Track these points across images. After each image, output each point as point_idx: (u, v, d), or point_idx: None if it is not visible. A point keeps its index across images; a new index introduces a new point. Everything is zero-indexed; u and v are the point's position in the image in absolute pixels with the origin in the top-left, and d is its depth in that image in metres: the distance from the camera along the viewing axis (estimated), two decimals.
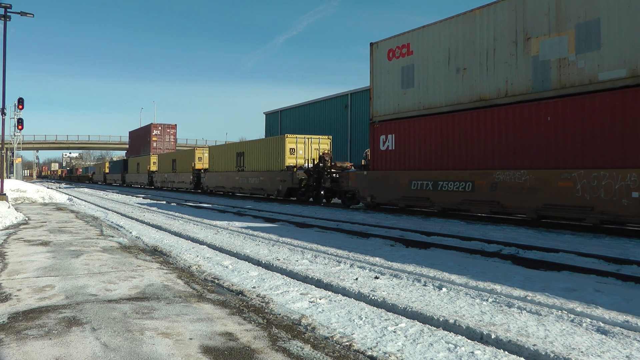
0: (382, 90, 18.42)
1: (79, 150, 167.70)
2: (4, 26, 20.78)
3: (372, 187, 18.48)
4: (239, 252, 8.85)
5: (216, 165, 34.30)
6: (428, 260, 8.04)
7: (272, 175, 26.09)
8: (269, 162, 26.70)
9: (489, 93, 14.52)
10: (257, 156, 28.30)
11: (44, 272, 6.79)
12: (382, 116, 18.32)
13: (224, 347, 3.87)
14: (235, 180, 30.58)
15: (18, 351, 3.75)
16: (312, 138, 26.09)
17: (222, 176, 32.85)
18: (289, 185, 24.38)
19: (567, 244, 9.98)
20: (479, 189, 14.28)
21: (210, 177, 35.06)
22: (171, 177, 44.39)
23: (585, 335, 4.30)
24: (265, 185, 26.83)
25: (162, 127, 58.81)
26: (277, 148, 26.04)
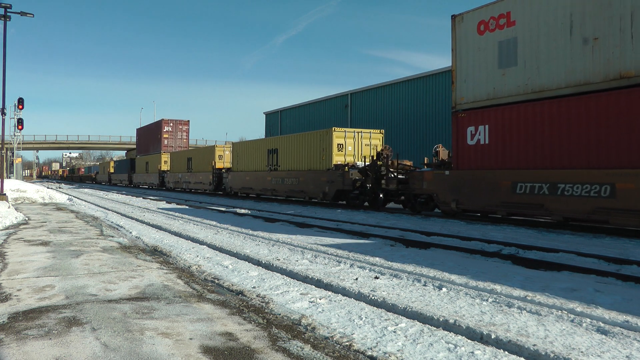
0: (469, 71, 14.85)
1: (79, 150, 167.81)
2: (4, 26, 20.79)
3: (457, 190, 14.90)
4: (239, 252, 8.85)
5: (241, 164, 30.22)
6: (428, 260, 8.04)
7: (316, 175, 22.33)
8: (310, 160, 22.97)
9: (635, 68, 11.19)
10: (294, 153, 24.50)
11: (44, 272, 6.79)
12: (470, 103, 14.79)
13: (224, 347, 3.87)
14: (267, 181, 26.63)
15: (18, 351, 3.75)
16: (362, 132, 22.42)
17: (250, 176, 28.83)
18: (338, 187, 20.79)
19: (567, 244, 9.98)
20: (622, 194, 10.89)
21: (235, 178, 30.88)
22: (186, 177, 40.11)
23: (585, 335, 4.30)
24: (306, 187, 23.04)
25: (174, 123, 53.91)
26: (321, 144, 22.30)
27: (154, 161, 51.28)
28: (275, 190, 25.97)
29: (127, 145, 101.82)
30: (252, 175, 28.56)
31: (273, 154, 26.55)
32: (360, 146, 22.34)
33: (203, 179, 36.18)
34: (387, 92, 34.54)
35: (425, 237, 10.94)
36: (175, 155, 45.31)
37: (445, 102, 29.42)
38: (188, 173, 39.85)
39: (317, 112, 42.17)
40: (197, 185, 37.64)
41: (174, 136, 53.82)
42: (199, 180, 37.03)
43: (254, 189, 28.48)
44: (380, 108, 34.92)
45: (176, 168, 43.72)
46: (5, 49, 20.54)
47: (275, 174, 25.90)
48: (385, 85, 34.77)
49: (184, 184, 40.56)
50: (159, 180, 48.28)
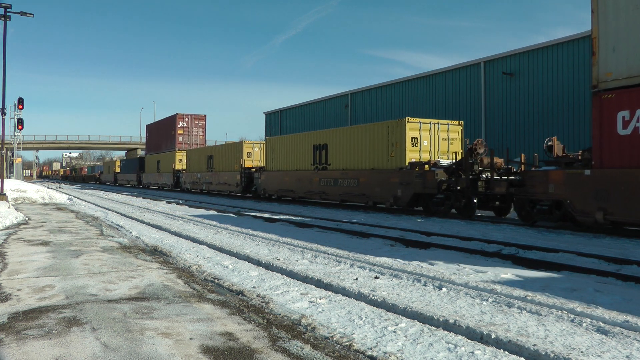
0: (621, 37, 11.05)
1: (79, 150, 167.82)
2: (4, 26, 20.80)
3: (605, 196, 11.14)
4: (239, 252, 8.85)
5: (278, 162, 26.16)
6: (428, 260, 8.04)
7: (383, 176, 18.40)
8: (374, 157, 19.14)
9: None
10: (351, 149, 20.54)
11: (44, 272, 6.79)
12: (621, 80, 11.03)
13: (224, 347, 3.87)
14: (313, 182, 22.63)
15: (18, 351, 3.75)
16: (439, 123, 18.61)
17: (290, 177, 24.75)
18: (415, 189, 16.88)
19: (567, 244, 9.98)
20: None
21: (270, 178, 26.74)
22: (207, 177, 35.77)
23: (585, 335, 4.30)
24: (369, 190, 19.11)
25: (189, 118, 48.70)
26: (390, 137, 18.36)
27: (167, 160, 46.67)
28: (325, 194, 21.95)
29: (127, 145, 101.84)
30: (293, 176, 24.47)
31: (321, 151, 22.50)
32: (437, 140, 18.44)
33: (228, 180, 32.05)
34: (387, 92, 34.54)
35: (425, 237, 10.94)
36: (192, 153, 40.40)
37: (447, 101, 29.43)
38: (209, 173, 35.38)
39: (317, 112, 42.18)
40: (221, 186, 33.45)
41: (189, 132, 48.61)
42: (223, 180, 32.89)
43: (295, 192, 24.37)
44: (381, 108, 34.92)
45: (194, 167, 39.00)
46: (5, 49, 20.57)
47: (324, 174, 21.96)
48: (385, 85, 34.76)
49: (204, 184, 36.28)
50: (173, 180, 43.72)
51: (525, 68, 25.26)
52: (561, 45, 23.69)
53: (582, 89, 22.47)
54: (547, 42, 24.44)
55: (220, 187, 33.57)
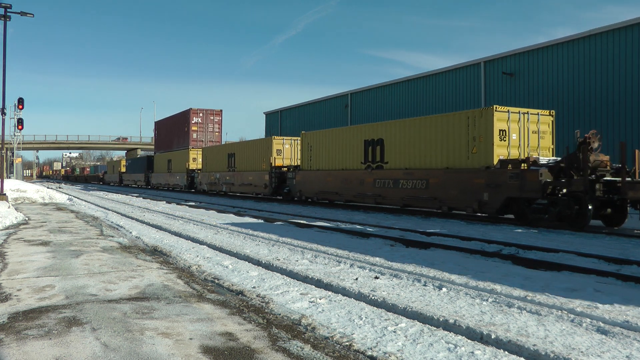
0: None
1: (79, 150, 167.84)
2: (4, 26, 20.81)
3: None
4: (239, 252, 8.85)
5: (317, 161, 22.95)
6: (428, 260, 8.04)
7: (463, 176, 15.24)
8: (449, 153, 16.04)
9: None
10: (415, 145, 17.37)
11: (44, 272, 6.79)
12: None
13: (224, 347, 3.87)
14: (366, 184, 19.31)
15: (18, 351, 3.75)
16: (529, 113, 15.44)
17: (334, 177, 21.50)
18: (509, 192, 13.70)
19: (567, 244, 9.98)
20: None
21: (307, 179, 23.40)
22: (227, 177, 32.30)
23: (585, 335, 4.30)
24: (443, 193, 15.79)
25: (204, 114, 44.54)
26: (470, 130, 15.36)
27: (180, 158, 42.76)
28: (381, 197, 18.57)
29: (127, 145, 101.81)
30: (338, 176, 21.12)
31: (374, 147, 19.35)
32: (527, 133, 15.37)
33: (254, 180, 28.41)
34: (387, 92, 34.54)
35: (425, 237, 10.94)
36: (209, 152, 36.79)
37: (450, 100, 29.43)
38: (230, 172, 31.97)
39: (317, 112, 42.18)
40: (245, 187, 29.72)
41: (204, 129, 44.42)
42: (248, 181, 29.25)
43: (341, 194, 20.93)
44: (381, 108, 34.92)
45: (211, 166, 35.46)
46: (5, 49, 20.58)
47: (380, 174, 18.63)
48: (385, 85, 34.77)
49: (224, 185, 32.78)
50: (186, 181, 40.00)
51: (525, 68, 25.27)
52: (561, 45, 23.69)
53: (582, 89, 22.47)
54: (547, 42, 24.44)
55: (245, 188, 29.94)
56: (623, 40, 21.32)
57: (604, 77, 21.98)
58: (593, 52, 22.35)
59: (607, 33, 21.92)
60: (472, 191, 14.85)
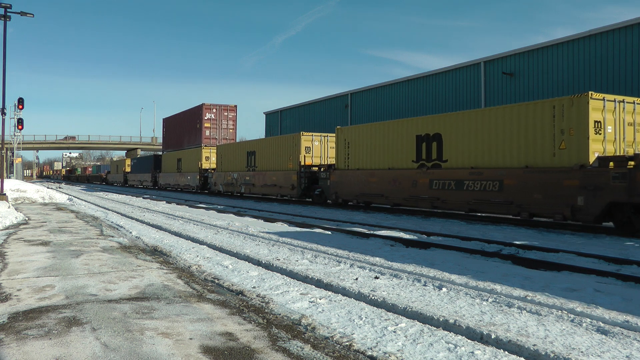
0: None
1: (79, 150, 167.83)
2: (4, 26, 20.80)
3: None
4: (239, 252, 8.85)
5: (357, 159, 20.24)
6: (428, 260, 8.04)
7: (550, 177, 12.76)
8: (530, 149, 13.50)
9: None
10: (483, 140, 14.88)
11: (44, 272, 6.79)
12: None
13: (224, 347, 3.87)
14: (420, 185, 16.66)
15: (18, 351, 3.75)
16: (625, 102, 12.93)
17: (378, 177, 18.73)
18: (612, 197, 11.37)
19: (567, 244, 9.98)
20: None
21: (345, 180, 20.62)
22: (246, 177, 29.41)
23: (585, 335, 4.30)
24: (523, 196, 13.29)
25: (217, 109, 41.06)
26: (558, 122, 12.85)
27: (191, 157, 39.76)
28: (439, 200, 15.91)
29: (127, 145, 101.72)
30: (384, 177, 18.41)
31: (430, 143, 16.81)
32: (622, 126, 12.99)
33: (279, 181, 25.69)
34: (387, 92, 34.54)
35: (425, 237, 10.94)
36: (225, 150, 33.80)
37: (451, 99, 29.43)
38: (250, 172, 29.26)
39: (317, 112, 42.17)
40: (268, 189, 26.95)
41: (217, 125, 41.06)
42: (271, 182, 26.55)
43: (387, 197, 18.18)
44: (381, 108, 34.92)
45: (228, 165, 32.56)
46: (5, 49, 20.56)
47: (438, 174, 16.11)
48: (385, 85, 34.76)
49: (243, 186, 29.85)
50: (199, 181, 37.17)
51: (525, 68, 25.27)
52: (561, 45, 23.69)
53: (582, 89, 22.47)
54: (546, 42, 24.43)
55: (268, 189, 27.07)
56: (623, 40, 21.31)
57: (604, 77, 21.98)
58: (593, 52, 22.35)
59: (607, 33, 21.91)
60: (562, 195, 12.40)
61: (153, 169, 49.64)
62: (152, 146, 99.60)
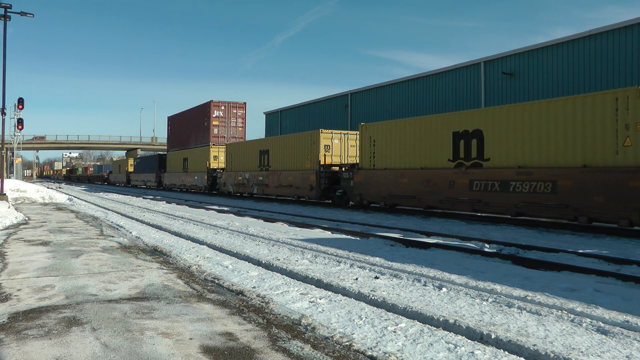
0: None
1: (79, 150, 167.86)
2: (4, 26, 20.79)
3: None
4: (239, 252, 8.85)
5: (384, 158, 18.47)
6: (428, 260, 8.04)
7: (614, 177, 11.45)
8: (588, 147, 12.20)
9: None
10: (531, 136, 13.44)
11: (44, 272, 6.79)
12: None
13: (224, 347, 3.87)
14: (458, 186, 15.10)
15: (18, 351, 3.75)
16: None
17: (409, 178, 17.09)
18: None
19: (567, 244, 9.98)
20: None
21: (371, 180, 18.82)
22: (259, 177, 27.75)
23: (585, 335, 4.30)
24: (581, 199, 11.92)
25: (226, 107, 39.25)
26: (622, 115, 11.59)
27: (199, 157, 38.18)
28: (481, 203, 14.30)
29: (127, 145, 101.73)
30: (416, 177, 16.73)
31: (469, 140, 15.28)
32: None
33: (296, 181, 24.07)
34: (387, 92, 34.54)
35: (425, 237, 10.94)
36: (236, 148, 31.99)
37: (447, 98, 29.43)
38: (263, 172, 27.60)
39: (317, 112, 42.17)
40: (283, 189, 25.31)
41: (226, 123, 39.19)
42: (287, 182, 24.89)
43: (420, 199, 16.52)
44: (381, 108, 34.92)
45: (238, 165, 30.96)
46: (5, 49, 20.57)
47: (479, 174, 14.59)
48: (385, 85, 34.76)
49: (255, 187, 28.17)
50: (207, 181, 35.56)
51: (525, 68, 25.27)
52: (561, 45, 23.68)
53: (582, 89, 22.46)
54: (546, 42, 24.43)
55: (283, 190, 25.35)
56: (623, 40, 21.31)
57: (603, 77, 21.97)
58: (593, 52, 22.34)
59: (607, 33, 21.91)
60: (628, 198, 11.10)
61: (157, 168, 48.02)
62: (152, 146, 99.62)
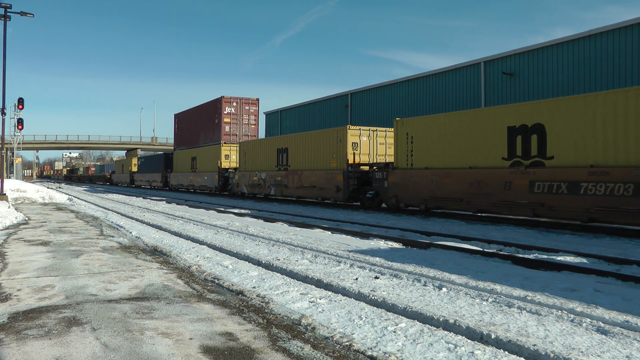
0: None
1: (79, 150, 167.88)
2: (4, 26, 20.79)
3: None
4: (239, 252, 8.85)
5: (424, 156, 16.73)
6: (428, 260, 8.04)
7: None
8: None
9: None
10: (601, 131, 11.95)
11: (44, 272, 6.79)
12: None
13: (224, 347, 3.87)
14: (516, 188, 13.43)
15: (18, 351, 3.75)
16: None
17: (455, 179, 15.39)
18: None
19: (567, 244, 9.98)
20: None
21: (408, 181, 17.13)
22: (277, 178, 25.75)
23: (585, 335, 4.30)
24: None
25: (238, 103, 36.81)
26: None
27: (209, 156, 36.19)
28: (544, 207, 12.72)
29: (127, 145, 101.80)
30: (463, 177, 15.01)
31: (527, 136, 13.52)
32: None
33: (319, 182, 22.19)
34: (387, 92, 34.54)
35: (425, 237, 10.94)
36: (250, 147, 29.83)
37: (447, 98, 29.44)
38: (281, 172, 25.55)
39: (317, 112, 42.17)
40: (305, 190, 23.39)
41: (238, 120, 36.83)
42: (309, 182, 22.94)
43: (469, 202, 14.73)
44: (381, 108, 34.93)
45: (253, 164, 28.92)
46: (5, 49, 20.57)
47: (542, 174, 12.96)
48: (385, 85, 34.76)
49: (273, 188, 26.13)
50: (218, 181, 33.36)
51: (525, 68, 25.27)
52: (561, 45, 23.69)
53: (582, 89, 22.46)
54: (546, 42, 24.44)
55: (305, 192, 23.46)
56: (623, 40, 21.31)
57: (603, 77, 21.97)
58: (593, 52, 22.34)
59: (607, 33, 21.91)
60: None
61: (163, 168, 45.78)
62: (152, 146, 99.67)
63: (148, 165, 51.56)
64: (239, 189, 30.18)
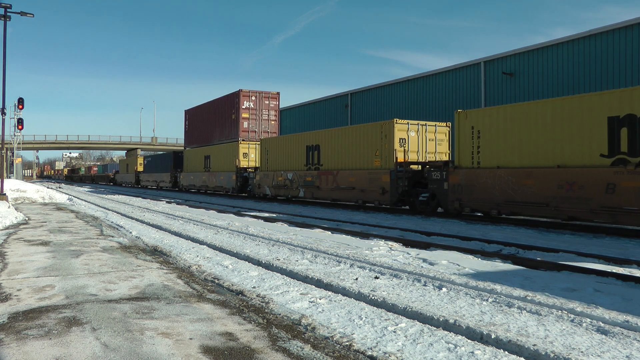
0: None
1: (79, 150, 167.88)
2: (4, 26, 20.79)
3: None
4: (239, 252, 8.85)
5: (494, 153, 14.33)
6: (428, 260, 8.03)
7: None
8: None
9: None
10: None
11: (44, 272, 6.79)
12: None
13: (224, 347, 3.87)
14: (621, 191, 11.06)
15: (18, 351, 3.75)
16: None
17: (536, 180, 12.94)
18: None
19: (567, 244, 9.97)
20: None
21: (474, 182, 14.72)
22: (307, 178, 23.21)
23: (585, 335, 4.30)
24: None
25: (257, 97, 33.09)
26: None
27: (225, 154, 32.91)
28: None
29: (127, 145, 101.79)
30: (547, 178, 12.66)
31: (633, 129, 11.12)
32: None
33: (360, 183, 19.54)
34: (387, 92, 34.54)
35: (425, 237, 10.94)
36: (273, 144, 27.02)
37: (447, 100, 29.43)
38: (312, 172, 22.86)
39: (317, 112, 42.17)
40: (343, 193, 20.55)
41: (257, 116, 33.28)
42: (347, 184, 20.24)
43: (556, 207, 12.41)
44: (381, 108, 34.93)
45: (277, 164, 26.12)
46: (5, 49, 20.57)
47: None
48: (385, 85, 34.76)
49: (302, 189, 23.52)
50: (236, 182, 30.28)
51: (525, 68, 25.27)
52: (561, 45, 23.69)
53: (582, 89, 22.46)
54: (546, 42, 24.45)
55: (342, 194, 20.66)
56: (623, 40, 21.31)
57: (603, 77, 21.98)
58: (593, 52, 22.35)
59: (607, 33, 21.92)
60: None
61: (173, 167, 42.60)
62: (152, 146, 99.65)
63: (155, 164, 48.47)
64: (260, 190, 27.37)
